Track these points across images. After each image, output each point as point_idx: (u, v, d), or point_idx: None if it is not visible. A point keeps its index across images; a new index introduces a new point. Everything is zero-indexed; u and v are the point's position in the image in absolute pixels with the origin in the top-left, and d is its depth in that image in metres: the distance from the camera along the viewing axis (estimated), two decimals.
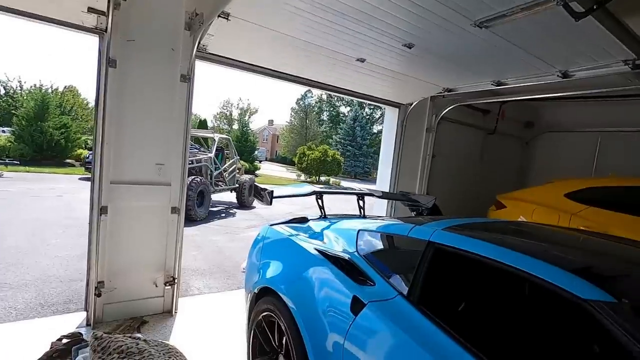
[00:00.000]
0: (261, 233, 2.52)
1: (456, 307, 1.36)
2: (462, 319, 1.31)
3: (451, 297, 1.40)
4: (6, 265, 3.76)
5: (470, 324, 1.30)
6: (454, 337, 1.16)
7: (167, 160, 2.85)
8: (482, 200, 4.99)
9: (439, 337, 1.19)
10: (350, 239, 1.92)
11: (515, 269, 1.17)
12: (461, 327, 1.22)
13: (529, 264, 1.16)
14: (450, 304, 1.37)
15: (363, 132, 36.24)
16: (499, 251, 1.27)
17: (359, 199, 3.07)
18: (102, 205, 2.59)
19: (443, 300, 1.39)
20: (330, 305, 1.58)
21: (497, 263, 1.23)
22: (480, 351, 1.08)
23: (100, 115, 2.52)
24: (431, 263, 1.43)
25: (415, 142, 4.61)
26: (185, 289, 3.60)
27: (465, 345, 1.12)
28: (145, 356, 1.76)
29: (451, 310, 1.34)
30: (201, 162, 8.02)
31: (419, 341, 1.21)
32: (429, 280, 1.39)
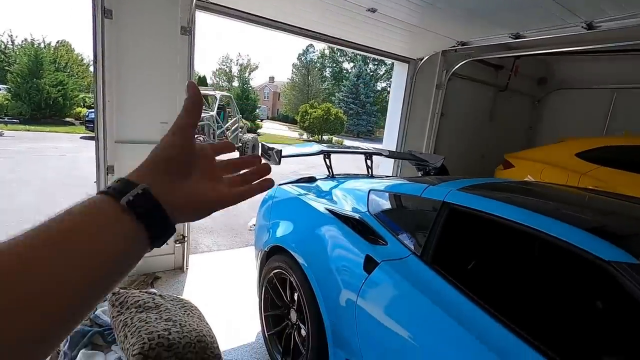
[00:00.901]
0: (270, 192, 2.51)
1: (470, 267, 1.37)
2: (477, 278, 1.33)
3: (466, 257, 1.40)
4: (18, 222, 3.83)
5: (485, 284, 1.31)
6: (468, 295, 1.17)
7: (171, 118, 2.76)
8: (490, 160, 4.94)
9: (452, 295, 1.20)
10: (361, 198, 1.90)
11: (532, 229, 1.15)
12: (475, 286, 1.23)
13: (547, 224, 1.14)
14: (464, 264, 1.38)
15: (367, 90, 35.31)
16: (515, 211, 1.25)
17: (367, 158, 3.03)
18: (108, 164, 2.56)
19: (457, 260, 1.40)
20: (342, 263, 1.60)
21: (513, 223, 1.21)
22: (494, 309, 1.10)
23: (100, 71, 2.41)
24: (446, 223, 1.42)
25: (424, 99, 4.46)
26: (194, 246, 3.68)
27: (479, 302, 1.13)
28: (162, 310, 1.83)
29: (465, 270, 1.35)
30: (203, 121, 7.88)
31: (433, 299, 1.23)
32: (443, 240, 1.39)
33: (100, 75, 2.40)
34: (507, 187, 1.78)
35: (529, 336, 0.96)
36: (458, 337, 1.11)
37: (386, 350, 1.31)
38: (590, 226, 1.12)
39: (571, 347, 1.00)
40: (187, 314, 1.93)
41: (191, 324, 1.83)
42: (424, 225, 1.55)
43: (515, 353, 0.95)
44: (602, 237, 1.04)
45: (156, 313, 1.79)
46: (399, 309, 1.32)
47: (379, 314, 1.35)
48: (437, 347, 1.16)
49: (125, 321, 1.71)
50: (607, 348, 1.07)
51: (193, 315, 1.96)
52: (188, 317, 1.90)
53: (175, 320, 1.77)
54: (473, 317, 1.11)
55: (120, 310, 1.78)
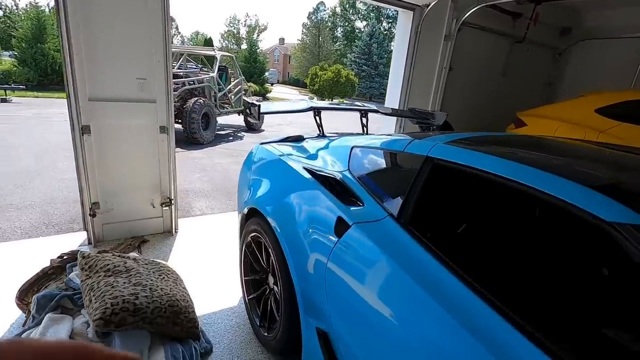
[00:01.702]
0: (252, 152, 2.35)
1: (453, 230, 1.20)
2: (459, 245, 1.16)
3: (448, 220, 1.23)
4: (14, 187, 3.82)
5: (468, 250, 1.15)
6: (447, 264, 1.01)
7: (149, 74, 2.58)
8: (502, 118, 4.61)
9: (428, 262, 1.05)
10: (343, 157, 1.72)
11: (522, 186, 0.96)
12: (457, 252, 1.07)
13: (541, 179, 0.94)
14: (445, 227, 1.21)
15: (380, 50, 33.75)
16: (506, 166, 1.05)
17: (362, 116, 2.81)
18: (82, 124, 2.42)
19: (437, 223, 1.23)
20: (314, 226, 1.45)
21: (503, 180, 1.02)
22: (475, 280, 0.94)
23: (63, 20, 2.20)
24: (427, 181, 1.23)
25: (431, 52, 4.09)
26: (187, 210, 3.62)
27: (458, 272, 0.97)
28: (132, 274, 1.75)
29: (447, 234, 1.19)
30: (203, 83, 7.62)
31: (405, 266, 1.07)
32: (423, 200, 1.22)
33: (64, 25, 2.20)
34: (502, 141, 1.56)
35: (519, 318, 0.80)
36: (430, 309, 0.97)
37: (356, 319, 1.18)
38: (595, 183, 0.92)
39: (563, 328, 0.85)
40: (162, 279, 1.85)
41: (163, 288, 1.75)
42: (405, 184, 1.37)
43: (501, 338, 0.80)
44: (606, 194, 0.85)
45: (125, 277, 1.71)
46: (369, 276, 1.18)
47: (349, 280, 1.22)
48: (407, 319, 1.02)
49: (91, 285, 1.64)
50: (609, 323, 0.91)
51: (168, 279, 1.88)
52: (162, 281, 1.83)
53: (145, 285, 1.69)
54: (450, 289, 0.95)
55: (88, 274, 1.71)
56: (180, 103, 6.99)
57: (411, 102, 4.12)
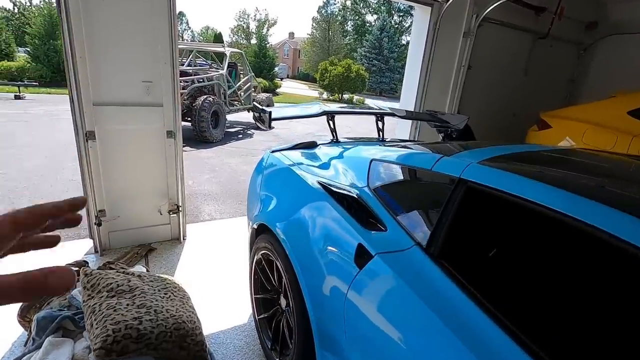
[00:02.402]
0: (263, 159, 2.23)
1: (492, 267, 1.05)
2: (500, 283, 1.02)
3: (485, 253, 1.09)
4: (22, 189, 3.78)
5: (510, 292, 1.00)
6: (483, 304, 0.87)
7: (155, 76, 2.47)
8: (523, 119, 4.40)
9: (461, 301, 0.91)
10: (361, 170, 1.58)
11: (579, 223, 0.82)
12: (497, 294, 0.93)
13: (601, 216, 0.80)
14: (483, 263, 1.06)
15: (391, 44, 33.24)
16: (556, 195, 0.90)
17: (378, 120, 2.66)
18: (87, 129, 2.33)
19: (473, 257, 1.08)
20: (331, 251, 1.32)
21: (552, 213, 0.88)
22: (517, 327, 0.80)
23: (64, 21, 2.10)
24: (461, 207, 1.09)
25: (449, 50, 3.89)
26: (196, 215, 3.53)
27: (497, 316, 0.84)
28: (136, 294, 1.65)
29: (484, 270, 1.04)
30: (212, 80, 7.52)
31: (435, 306, 0.94)
32: (456, 229, 1.07)
33: (66, 25, 2.10)
34: (543, 158, 1.40)
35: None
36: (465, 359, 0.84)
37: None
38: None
39: None
40: (167, 297, 1.75)
41: (169, 309, 1.65)
42: (434, 209, 1.23)
43: None
44: None
45: (129, 298, 1.61)
46: (396, 315, 1.04)
47: (373, 317, 1.08)
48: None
49: (93, 307, 1.54)
50: None
51: (174, 298, 1.78)
52: (167, 301, 1.73)
53: (150, 307, 1.59)
54: (488, 337, 0.82)
55: (90, 294, 1.62)
56: (190, 101, 6.91)
57: (427, 103, 3.94)
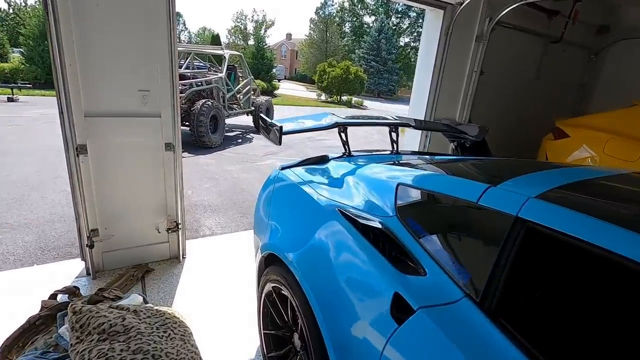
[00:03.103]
0: (272, 176, 2.05)
1: (563, 329, 0.87)
2: (573, 350, 0.84)
3: (556, 312, 0.91)
4: (10, 201, 3.57)
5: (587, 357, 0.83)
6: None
7: (152, 85, 2.28)
8: (534, 126, 4.24)
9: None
10: (386, 195, 1.40)
11: None
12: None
13: None
14: (553, 324, 0.88)
15: (389, 46, 33.18)
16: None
17: (392, 131, 2.49)
18: (78, 143, 2.13)
19: (541, 316, 0.90)
20: (358, 297, 1.14)
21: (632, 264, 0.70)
22: None
23: (52, 25, 1.91)
24: (522, 253, 0.91)
25: (461, 55, 3.73)
26: (195, 229, 3.33)
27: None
28: (131, 336, 1.46)
29: (554, 334, 0.86)
30: (211, 84, 7.32)
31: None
32: (518, 280, 0.90)
33: (54, 30, 1.90)
34: (611, 189, 1.21)
35: None
36: None
37: None
38: None
39: None
40: (167, 336, 1.56)
41: (170, 352, 1.46)
42: (484, 251, 1.06)
43: None
44: None
45: (124, 341, 1.42)
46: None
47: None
48: None
49: (82, 355, 1.35)
50: None
51: (175, 336, 1.59)
52: (167, 340, 1.54)
53: (147, 351, 1.40)
54: None
55: (79, 337, 1.43)
56: (188, 105, 6.71)
57: (439, 111, 3.77)
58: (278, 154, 6.95)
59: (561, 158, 3.42)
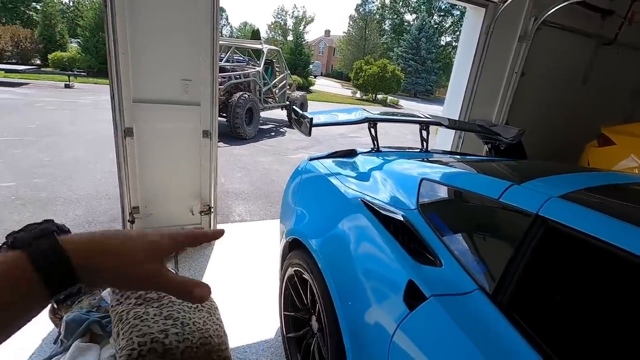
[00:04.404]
0: (300, 167, 2.12)
1: (574, 327, 0.87)
2: (582, 348, 0.84)
3: (567, 310, 0.91)
4: (63, 178, 3.90)
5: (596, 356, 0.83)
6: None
7: (194, 75, 2.43)
8: (580, 133, 4.02)
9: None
10: (409, 189, 1.43)
11: None
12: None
13: None
14: (564, 321, 0.89)
15: (429, 45, 32.32)
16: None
17: (422, 129, 2.48)
18: (126, 126, 2.32)
19: (553, 313, 0.91)
20: (374, 283, 1.18)
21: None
22: None
23: (110, 15, 2.08)
24: (539, 250, 0.92)
25: (501, 54, 3.61)
26: (226, 214, 3.49)
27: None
28: (164, 303, 1.59)
29: (565, 330, 0.87)
30: (249, 77, 7.54)
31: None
32: (532, 277, 0.91)
33: (111, 21, 2.08)
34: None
35: None
36: None
37: None
38: None
39: None
40: (195, 308, 1.68)
41: (197, 321, 1.58)
42: (501, 247, 1.07)
43: None
44: None
45: (157, 307, 1.55)
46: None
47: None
48: None
49: (120, 315, 1.49)
50: None
51: (202, 308, 1.71)
52: (195, 312, 1.66)
53: (177, 318, 1.52)
54: None
55: (119, 300, 1.58)
56: (226, 97, 6.95)
57: (474, 111, 3.68)
58: (309, 149, 7.05)
59: (605, 166, 3.24)
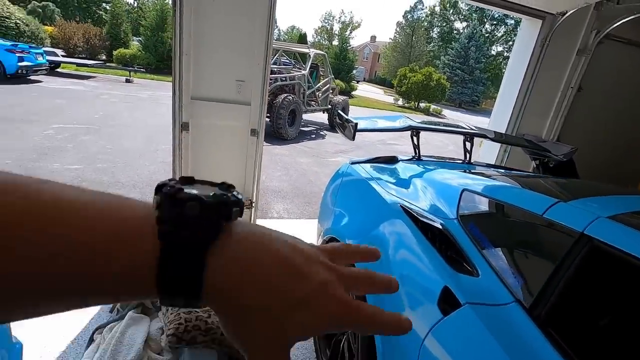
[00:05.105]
0: (341, 169, 2.19)
1: (613, 349, 0.86)
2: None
3: (608, 331, 0.89)
4: (123, 165, 4.26)
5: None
6: None
7: (247, 76, 2.57)
8: (638, 156, 3.75)
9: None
10: (450, 199, 1.44)
11: None
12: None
13: None
14: (604, 342, 0.88)
15: (478, 54, 31.24)
16: None
17: (467, 140, 2.46)
18: (183, 121, 2.51)
19: (592, 333, 0.90)
20: (409, 285, 1.22)
21: None
22: None
23: (178, 18, 2.28)
24: (582, 269, 0.91)
25: (557, 68, 3.46)
26: (265, 211, 3.63)
27: None
28: None
29: (604, 352, 0.86)
30: (294, 80, 7.75)
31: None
32: (573, 295, 0.90)
33: (178, 24, 2.27)
34: None
35: None
36: None
37: None
38: None
39: None
40: None
41: None
42: (542, 262, 1.07)
43: None
44: None
45: None
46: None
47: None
48: None
49: None
50: None
51: None
52: None
53: None
54: None
55: None
56: (271, 98, 7.20)
57: (523, 126, 3.55)
58: (348, 153, 7.11)
59: None
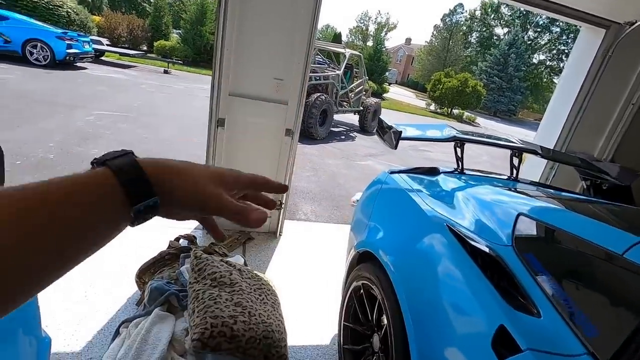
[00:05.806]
0: (379, 178, 2.08)
1: None
2: None
3: None
4: (157, 154, 4.32)
5: None
6: None
7: (286, 75, 2.52)
8: None
9: None
10: (503, 223, 1.31)
11: None
12: None
13: None
14: None
15: (518, 62, 30.01)
16: None
17: (514, 155, 2.29)
18: (219, 117, 2.49)
19: None
20: (457, 319, 1.11)
21: None
22: None
23: (222, 18, 2.25)
24: None
25: (618, 82, 3.18)
26: (293, 211, 3.58)
27: None
28: (235, 290, 1.67)
29: None
30: (328, 79, 7.67)
31: None
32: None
33: (222, 23, 2.25)
34: None
35: None
36: None
37: None
38: None
39: None
40: (261, 300, 1.74)
41: (262, 313, 1.63)
42: (622, 311, 0.93)
43: None
44: None
45: (229, 292, 1.64)
46: None
47: None
48: None
49: (197, 292, 1.60)
50: None
51: (267, 302, 1.77)
52: (261, 304, 1.71)
53: (245, 307, 1.59)
54: None
55: (197, 278, 1.69)
56: None
57: (574, 143, 3.30)
58: (378, 157, 6.96)
59: None
